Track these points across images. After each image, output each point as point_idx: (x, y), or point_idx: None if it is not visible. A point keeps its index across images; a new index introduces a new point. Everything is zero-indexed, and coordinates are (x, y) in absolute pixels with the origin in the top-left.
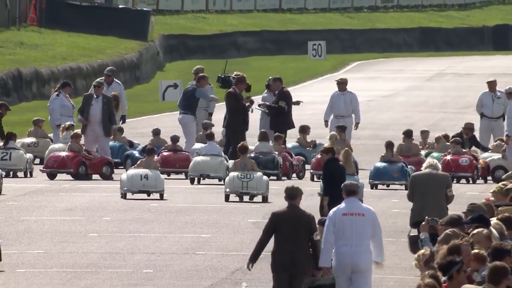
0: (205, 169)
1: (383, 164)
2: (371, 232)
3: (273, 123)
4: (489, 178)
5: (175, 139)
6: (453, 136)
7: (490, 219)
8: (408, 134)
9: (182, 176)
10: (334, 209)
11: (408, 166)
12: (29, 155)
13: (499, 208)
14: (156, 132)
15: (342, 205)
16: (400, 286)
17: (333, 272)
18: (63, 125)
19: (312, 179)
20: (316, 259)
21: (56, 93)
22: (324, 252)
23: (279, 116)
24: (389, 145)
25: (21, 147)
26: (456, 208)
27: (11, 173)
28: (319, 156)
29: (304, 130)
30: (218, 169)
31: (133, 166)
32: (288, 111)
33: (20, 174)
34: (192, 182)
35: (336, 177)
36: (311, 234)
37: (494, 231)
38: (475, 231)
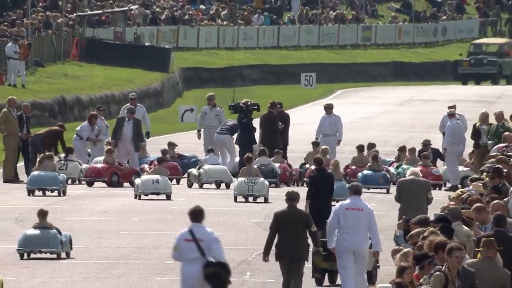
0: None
1: (369, 171)
2: (368, 224)
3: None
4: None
5: (164, 152)
6: (420, 151)
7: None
8: (360, 148)
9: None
10: (339, 203)
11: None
12: (62, 176)
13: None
14: (170, 144)
15: (348, 201)
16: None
17: (337, 253)
18: (107, 140)
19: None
20: (316, 244)
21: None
22: (329, 237)
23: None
24: (375, 157)
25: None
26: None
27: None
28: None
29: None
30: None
31: (146, 172)
32: (284, 129)
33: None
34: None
35: (319, 183)
36: (308, 228)
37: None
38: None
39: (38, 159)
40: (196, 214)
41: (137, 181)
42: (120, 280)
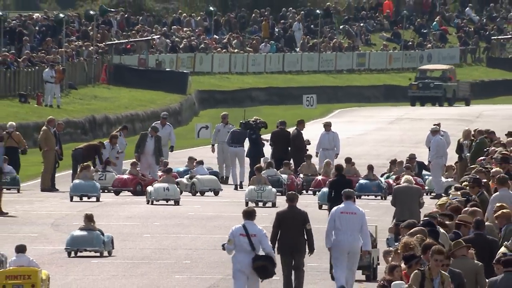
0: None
1: (365, 181)
2: (360, 226)
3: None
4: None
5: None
6: (405, 164)
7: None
8: (348, 160)
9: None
10: (335, 208)
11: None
12: (98, 184)
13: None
14: (190, 158)
15: (342, 205)
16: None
17: (332, 252)
18: (135, 156)
19: (314, 194)
20: (309, 242)
21: (118, 133)
22: (326, 237)
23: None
24: (370, 168)
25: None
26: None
27: (105, 190)
28: (319, 178)
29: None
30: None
31: (156, 181)
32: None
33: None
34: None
35: (339, 188)
36: (304, 225)
37: (443, 231)
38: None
39: (78, 170)
40: (249, 213)
41: (149, 188)
42: (143, 278)
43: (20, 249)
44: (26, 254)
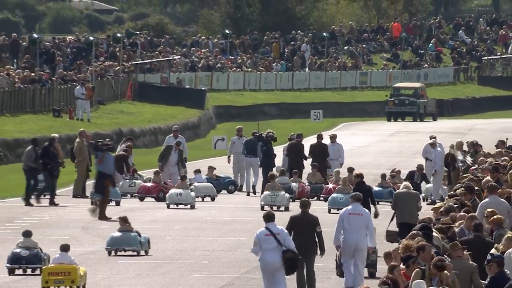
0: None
1: (379, 188)
2: (366, 226)
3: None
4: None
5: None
6: (410, 173)
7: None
8: (350, 170)
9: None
10: (344, 209)
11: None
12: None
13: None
14: (210, 167)
15: (350, 207)
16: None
17: (341, 250)
18: (159, 166)
19: (325, 200)
20: (320, 244)
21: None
22: (335, 236)
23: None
24: (383, 176)
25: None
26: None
27: (135, 195)
28: (330, 186)
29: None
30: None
31: (174, 187)
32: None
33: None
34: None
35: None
36: (315, 228)
37: (436, 235)
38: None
39: None
40: (270, 216)
41: (168, 195)
42: (165, 276)
43: (64, 248)
44: (69, 254)
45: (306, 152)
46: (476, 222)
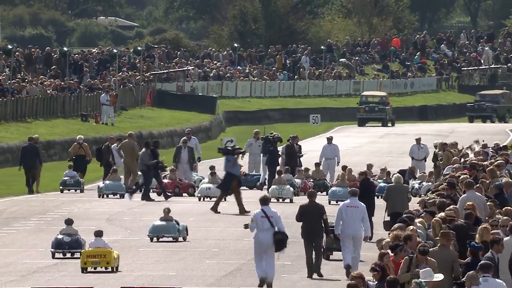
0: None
1: (384, 184)
2: (361, 217)
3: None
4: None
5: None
6: (399, 171)
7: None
8: (344, 168)
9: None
10: (342, 203)
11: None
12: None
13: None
14: (212, 173)
15: (348, 201)
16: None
17: (341, 237)
18: (174, 165)
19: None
20: (326, 229)
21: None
22: (335, 226)
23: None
24: (388, 173)
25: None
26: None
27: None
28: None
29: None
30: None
31: (205, 182)
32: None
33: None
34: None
35: (367, 189)
36: (322, 215)
37: (419, 225)
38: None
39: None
40: (265, 200)
41: (199, 189)
42: (180, 263)
43: (98, 233)
44: (103, 238)
45: (303, 151)
46: (467, 212)
